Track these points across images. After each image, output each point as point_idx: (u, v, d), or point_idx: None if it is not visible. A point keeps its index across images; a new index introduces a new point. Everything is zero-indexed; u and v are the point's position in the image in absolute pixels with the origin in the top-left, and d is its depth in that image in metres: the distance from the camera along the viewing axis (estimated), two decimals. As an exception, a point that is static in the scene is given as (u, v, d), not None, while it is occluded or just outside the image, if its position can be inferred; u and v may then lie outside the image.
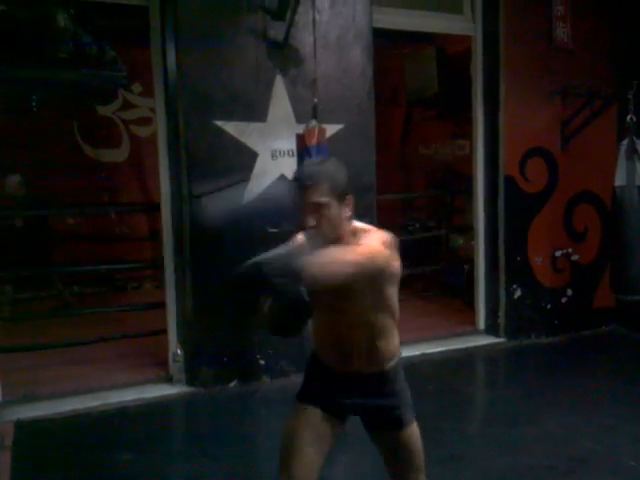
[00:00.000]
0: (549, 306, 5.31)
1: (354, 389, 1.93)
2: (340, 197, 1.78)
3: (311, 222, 1.76)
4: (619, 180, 4.54)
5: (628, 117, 4.51)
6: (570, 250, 5.40)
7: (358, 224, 1.89)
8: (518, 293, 5.21)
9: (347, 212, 1.81)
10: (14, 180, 6.51)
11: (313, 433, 1.88)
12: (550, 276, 5.32)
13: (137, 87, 7.29)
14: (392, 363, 1.94)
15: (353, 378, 1.92)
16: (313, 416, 1.90)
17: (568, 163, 5.25)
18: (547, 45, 5.10)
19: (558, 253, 5.35)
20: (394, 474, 2.01)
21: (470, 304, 5.55)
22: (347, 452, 3.33)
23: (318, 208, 1.75)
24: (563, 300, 5.39)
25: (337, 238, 1.80)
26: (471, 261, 5.53)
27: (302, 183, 1.78)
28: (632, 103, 4.50)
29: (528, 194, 5.18)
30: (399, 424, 1.92)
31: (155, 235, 6.17)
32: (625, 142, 4.54)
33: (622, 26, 5.34)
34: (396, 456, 1.96)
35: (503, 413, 3.78)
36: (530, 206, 5.20)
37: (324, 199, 1.75)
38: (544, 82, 5.08)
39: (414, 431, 1.95)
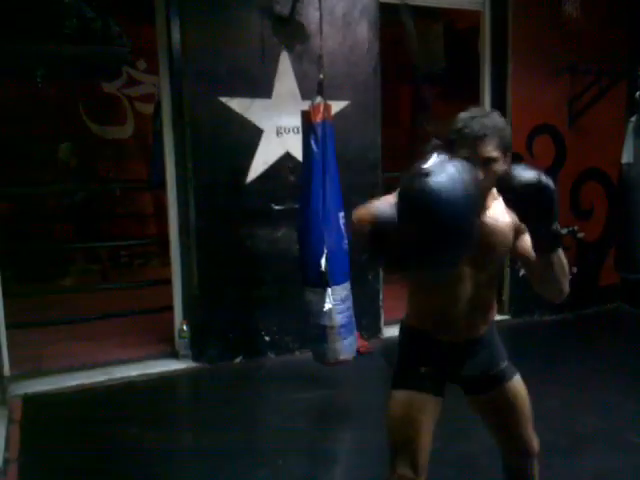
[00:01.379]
0: (554, 284, 5.31)
1: (465, 355, 1.89)
2: (505, 153, 1.70)
3: (479, 175, 1.62)
4: (626, 157, 4.49)
5: (637, 93, 4.45)
6: (576, 228, 5.38)
7: None
8: (522, 271, 5.20)
9: (507, 169, 1.68)
10: (66, 148, 6.52)
11: (429, 420, 1.84)
12: (555, 254, 5.30)
13: (141, 63, 7.24)
14: (492, 321, 1.96)
15: (464, 345, 1.88)
16: (427, 402, 1.84)
17: (575, 140, 5.21)
18: (556, 21, 5.02)
19: (564, 231, 5.33)
20: (504, 437, 1.98)
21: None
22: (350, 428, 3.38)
23: (487, 161, 1.66)
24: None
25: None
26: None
27: (472, 134, 1.65)
28: (641, 80, 4.44)
29: (535, 172, 5.14)
30: (505, 376, 1.92)
31: (160, 212, 6.20)
32: (633, 119, 4.48)
33: (631, 1, 5.25)
34: (505, 414, 1.92)
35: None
36: (536, 184, 5.16)
37: (495, 153, 1.67)
38: (552, 59, 5.01)
39: (521, 383, 1.95)
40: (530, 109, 5.05)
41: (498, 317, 5.12)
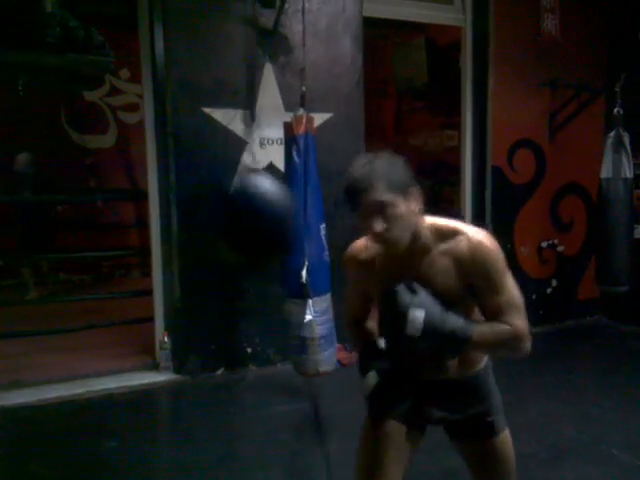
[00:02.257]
0: (534, 296, 5.36)
1: (443, 397, 1.77)
2: (402, 192, 1.54)
3: (379, 227, 1.53)
4: (605, 172, 4.58)
5: (615, 109, 4.54)
6: (556, 241, 5.44)
7: (441, 221, 1.66)
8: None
9: (416, 207, 1.58)
10: (23, 158, 6.43)
11: (396, 450, 1.73)
12: (536, 267, 5.37)
13: (124, 73, 7.24)
14: (482, 365, 1.79)
15: (443, 385, 1.75)
16: (395, 432, 1.74)
17: (555, 155, 5.29)
18: (536, 37, 5.12)
19: (544, 244, 5.40)
20: None
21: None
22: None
23: (382, 209, 1.52)
24: (548, 291, 5.45)
25: (413, 240, 1.60)
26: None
27: (354, 189, 1.54)
28: (619, 95, 4.53)
29: (515, 185, 5.21)
30: (491, 431, 1.77)
31: (142, 222, 6.16)
32: (612, 134, 4.57)
33: (610, 18, 5.36)
34: (487, 466, 1.81)
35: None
36: (517, 197, 5.24)
37: (386, 197, 1.51)
38: (533, 74, 5.10)
39: (507, 438, 1.80)
40: (511, 123, 5.11)
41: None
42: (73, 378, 4.06)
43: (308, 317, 3.38)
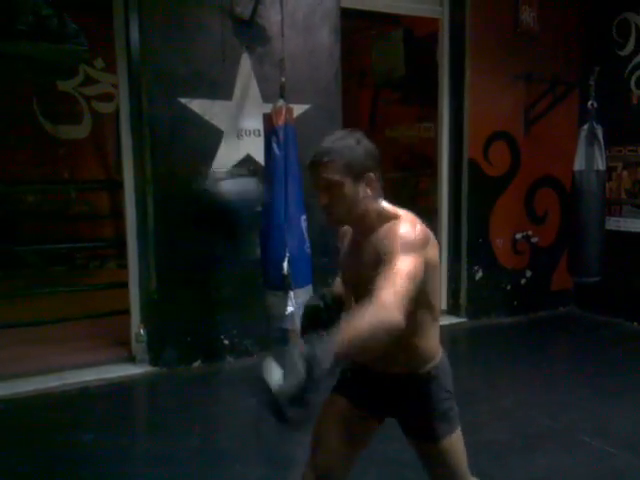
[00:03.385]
0: (509, 287, 5.43)
1: (383, 389, 1.77)
2: (357, 175, 1.61)
3: (324, 201, 1.63)
4: (578, 165, 4.65)
5: (589, 102, 4.60)
6: (530, 233, 5.52)
7: (388, 206, 1.70)
8: (479, 274, 5.31)
9: (367, 192, 1.63)
10: None
11: (346, 425, 1.77)
12: (510, 258, 5.44)
13: (99, 62, 7.12)
14: (427, 367, 1.73)
15: (383, 378, 1.76)
16: (344, 408, 1.78)
17: (530, 147, 5.35)
18: (513, 30, 5.15)
19: (518, 235, 5.46)
20: None
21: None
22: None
23: (329, 186, 1.61)
24: (522, 281, 5.52)
25: (358, 220, 1.67)
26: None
27: (313, 160, 1.63)
28: (593, 89, 4.59)
29: (491, 177, 5.26)
30: (431, 437, 1.74)
31: (116, 213, 6.09)
32: (585, 127, 4.64)
33: (586, 12, 5.42)
34: (431, 468, 1.82)
35: (461, 391, 3.86)
36: (493, 189, 5.29)
37: (335, 177, 1.60)
38: (509, 67, 5.14)
39: (451, 446, 1.75)
40: (487, 116, 5.16)
41: (455, 320, 5.23)
42: (48, 371, 4.01)
43: (289, 309, 3.38)
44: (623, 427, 3.29)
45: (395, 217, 1.65)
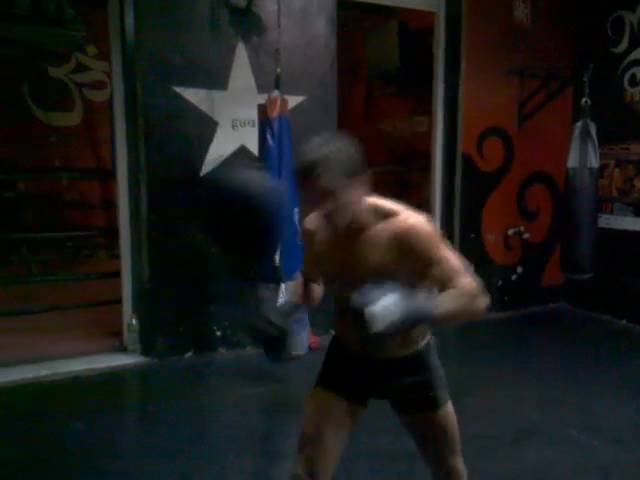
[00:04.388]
0: (500, 283, 5.46)
1: (385, 373, 1.81)
2: (347, 180, 1.60)
3: (323, 210, 1.63)
4: (572, 162, 4.66)
5: (583, 99, 4.61)
6: (522, 229, 5.54)
7: (383, 202, 1.72)
8: (470, 270, 5.31)
9: (358, 192, 1.64)
10: None
11: (333, 419, 1.79)
12: (502, 253, 5.46)
13: (92, 49, 7.05)
14: (425, 342, 1.83)
15: (384, 362, 1.80)
16: (334, 402, 1.81)
17: (523, 143, 5.36)
18: (508, 25, 5.16)
19: (510, 231, 5.49)
20: (429, 458, 1.93)
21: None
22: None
23: (325, 198, 1.59)
24: (513, 277, 5.55)
25: (353, 219, 1.66)
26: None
27: (301, 175, 1.59)
28: (587, 86, 4.60)
29: (484, 172, 5.27)
30: (433, 405, 1.81)
31: (108, 202, 6.05)
32: (579, 124, 4.65)
33: (580, 9, 5.42)
34: (430, 439, 1.86)
35: (451, 385, 3.89)
36: (485, 184, 5.30)
37: (330, 188, 1.58)
38: (504, 62, 5.14)
39: (449, 412, 1.84)
40: (481, 111, 5.16)
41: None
42: (39, 360, 4.00)
43: (281, 301, 3.38)
44: (611, 422, 3.32)
45: (394, 213, 1.68)
